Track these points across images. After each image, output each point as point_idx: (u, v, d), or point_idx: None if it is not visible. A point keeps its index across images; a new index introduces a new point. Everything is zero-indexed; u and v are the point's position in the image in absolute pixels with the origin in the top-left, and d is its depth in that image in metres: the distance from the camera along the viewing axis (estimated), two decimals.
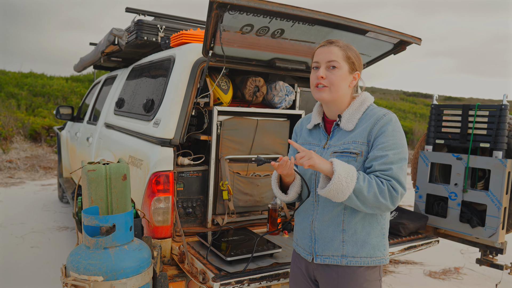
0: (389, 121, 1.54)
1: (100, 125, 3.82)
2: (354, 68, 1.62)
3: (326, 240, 1.59)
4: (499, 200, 2.61)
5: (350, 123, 1.60)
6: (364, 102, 1.64)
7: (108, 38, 3.31)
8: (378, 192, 1.43)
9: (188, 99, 2.44)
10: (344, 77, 1.59)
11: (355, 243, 1.56)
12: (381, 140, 1.52)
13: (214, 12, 2.11)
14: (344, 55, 1.59)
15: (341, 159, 1.55)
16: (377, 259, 1.58)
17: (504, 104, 2.67)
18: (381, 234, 1.60)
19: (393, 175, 1.47)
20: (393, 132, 1.53)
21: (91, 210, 1.58)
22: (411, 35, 2.72)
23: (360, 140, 1.55)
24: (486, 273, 4.17)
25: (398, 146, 1.51)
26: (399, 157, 1.50)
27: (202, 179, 2.61)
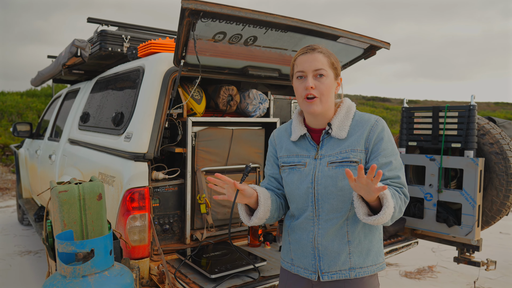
0: (383, 128, 1.53)
1: (64, 141, 3.62)
2: (337, 74, 1.58)
3: (333, 255, 1.51)
4: (473, 198, 2.66)
5: (343, 131, 1.54)
6: (350, 109, 1.60)
7: (70, 49, 3.15)
8: (402, 204, 1.43)
9: (160, 111, 2.34)
10: (332, 85, 1.54)
11: (360, 253, 1.52)
12: (382, 146, 1.49)
13: (186, 19, 2.04)
14: (329, 61, 1.53)
15: (341, 168, 1.49)
16: (380, 265, 1.56)
17: (472, 105, 2.74)
18: (380, 239, 1.59)
19: (402, 183, 1.48)
20: (389, 138, 1.53)
21: (64, 235, 1.45)
22: (381, 40, 2.75)
23: (359, 148, 1.50)
24: (459, 269, 4.27)
25: (396, 152, 1.53)
26: (400, 163, 1.52)
27: (178, 194, 2.50)
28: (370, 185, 1.27)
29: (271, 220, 1.64)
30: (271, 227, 2.86)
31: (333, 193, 1.49)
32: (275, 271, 2.14)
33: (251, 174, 2.83)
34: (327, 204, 1.50)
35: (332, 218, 1.50)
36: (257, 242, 2.53)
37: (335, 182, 1.49)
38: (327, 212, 1.51)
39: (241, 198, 1.53)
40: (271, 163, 1.72)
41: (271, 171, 1.72)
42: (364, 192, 1.30)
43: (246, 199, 1.54)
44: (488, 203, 2.77)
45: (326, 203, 1.50)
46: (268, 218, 1.61)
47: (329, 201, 1.50)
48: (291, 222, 1.64)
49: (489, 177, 2.75)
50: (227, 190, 1.54)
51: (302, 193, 1.55)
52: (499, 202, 2.73)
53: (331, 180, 1.49)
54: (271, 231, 2.79)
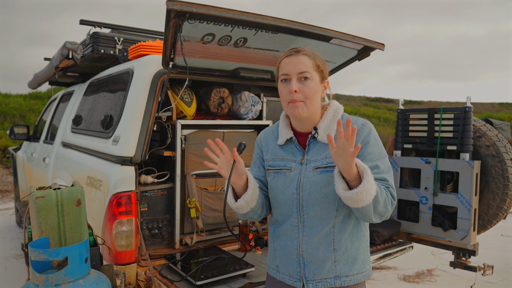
0: (370, 131, 1.48)
1: (57, 144, 3.59)
2: (324, 77, 1.52)
3: (318, 263, 1.46)
4: (469, 202, 2.61)
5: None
6: (337, 112, 1.55)
7: (61, 52, 3.13)
8: (388, 200, 1.38)
9: (149, 114, 2.30)
10: (317, 88, 1.48)
11: (346, 261, 1.47)
12: (367, 150, 1.44)
13: (172, 21, 2.01)
14: (314, 64, 1.48)
15: (325, 174, 1.44)
16: (366, 273, 1.52)
17: (468, 107, 2.68)
18: (366, 246, 1.54)
19: (390, 185, 1.43)
20: (375, 141, 1.47)
21: (40, 242, 1.42)
22: (374, 41, 2.70)
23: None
24: (458, 273, 4.21)
25: (383, 155, 1.47)
26: (387, 166, 1.47)
27: (167, 198, 2.46)
28: (346, 147, 1.24)
29: (253, 213, 1.58)
30: (263, 231, 2.81)
31: (318, 199, 1.45)
32: (263, 277, 2.10)
33: None
34: (312, 211, 1.46)
35: (317, 225, 1.46)
36: (248, 246, 2.49)
37: (319, 188, 1.45)
38: (311, 219, 1.46)
39: (233, 175, 1.47)
40: (257, 165, 1.67)
41: (257, 173, 1.66)
42: (342, 159, 1.27)
43: (237, 178, 1.48)
44: (485, 207, 2.71)
45: (311, 209, 1.46)
46: (252, 208, 1.54)
47: (314, 208, 1.45)
48: (275, 228, 1.59)
49: (486, 180, 2.69)
50: (221, 160, 1.47)
51: (287, 199, 1.51)
52: (495, 205, 2.67)
53: (315, 186, 1.45)
54: (263, 236, 2.74)
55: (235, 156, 1.44)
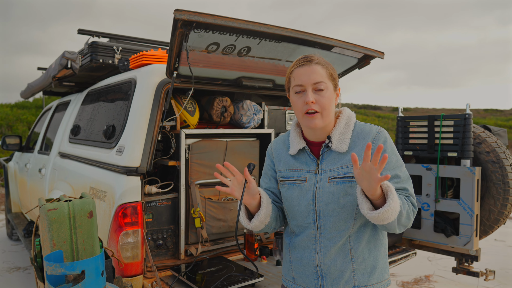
0: (386, 139, 1.46)
1: (54, 155, 3.54)
2: (336, 85, 1.50)
3: (336, 274, 1.44)
4: (471, 208, 2.64)
5: (343, 144, 1.46)
6: (350, 119, 1.52)
7: (60, 61, 3.10)
8: (410, 211, 1.39)
9: (153, 123, 2.29)
10: (332, 97, 1.46)
11: (364, 270, 1.45)
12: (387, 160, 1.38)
13: (178, 30, 2.01)
14: (327, 73, 1.46)
15: (342, 184, 1.42)
16: (385, 282, 1.50)
17: (468, 113, 2.73)
18: (385, 255, 1.53)
19: (410, 193, 1.43)
20: (392, 149, 1.46)
21: (54, 256, 1.39)
22: (375, 50, 2.74)
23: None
24: (456, 279, 4.24)
25: (401, 163, 1.46)
26: (406, 175, 1.46)
27: (172, 208, 2.44)
28: (372, 171, 1.22)
29: (268, 228, 1.56)
30: (267, 240, 2.80)
31: (336, 210, 1.43)
32: (271, 287, 2.08)
33: None
34: (330, 222, 1.44)
35: (335, 236, 1.44)
36: (254, 256, 2.47)
37: (337, 199, 1.43)
38: (329, 230, 1.45)
39: (245, 195, 1.46)
40: (268, 176, 1.64)
41: (268, 184, 1.64)
42: (367, 182, 1.25)
43: (249, 198, 1.47)
44: (486, 212, 2.74)
45: (329, 220, 1.44)
46: (267, 224, 1.53)
47: (332, 219, 1.44)
48: (291, 239, 1.56)
49: (486, 186, 2.73)
50: (232, 182, 1.47)
51: (303, 210, 1.49)
52: (496, 211, 2.70)
53: (332, 197, 1.43)
54: (267, 245, 2.73)
55: (246, 176, 1.43)
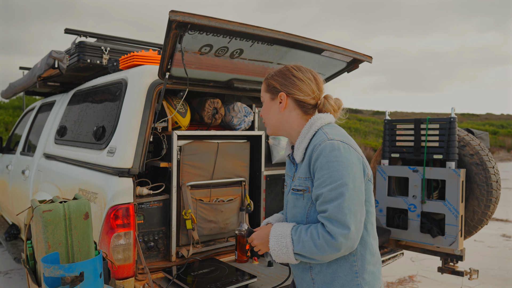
0: (322, 152, 1.36)
1: (38, 156, 3.47)
2: (276, 92, 1.52)
3: (300, 277, 1.51)
4: (456, 208, 2.71)
5: (298, 154, 1.47)
6: (312, 127, 1.46)
7: (47, 61, 3.04)
8: (315, 248, 1.32)
9: (145, 125, 2.27)
10: (268, 106, 1.56)
11: (323, 281, 1.44)
12: (318, 175, 1.36)
13: (173, 32, 2.00)
14: (265, 86, 1.58)
15: (293, 197, 1.48)
16: None
17: (452, 117, 2.80)
18: (351, 272, 1.41)
19: (330, 216, 1.31)
20: (327, 164, 1.34)
21: (50, 258, 1.37)
22: (363, 54, 2.79)
23: (304, 175, 1.43)
24: (439, 279, 4.33)
25: (334, 179, 1.32)
26: (336, 193, 1.31)
27: (163, 209, 2.43)
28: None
29: None
30: None
31: (291, 219, 1.51)
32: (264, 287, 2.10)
33: (236, 187, 2.79)
34: None
35: None
36: (245, 257, 2.48)
37: (290, 208, 1.51)
38: None
39: None
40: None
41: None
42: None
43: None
44: (470, 213, 2.82)
45: None
46: None
47: None
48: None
49: (470, 188, 2.81)
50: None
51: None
52: (480, 212, 2.78)
53: (289, 206, 1.52)
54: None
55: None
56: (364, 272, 1.42)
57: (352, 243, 1.32)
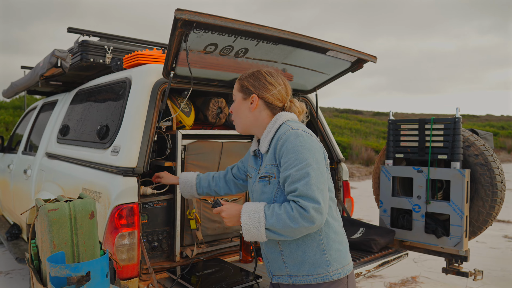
0: (287, 139, 1.54)
1: (41, 155, 3.46)
2: (248, 93, 1.71)
3: (273, 261, 1.65)
4: (461, 209, 2.70)
5: (264, 145, 1.66)
6: (277, 121, 1.66)
7: (50, 60, 3.03)
8: (289, 220, 1.44)
9: (150, 124, 2.26)
10: (239, 105, 1.74)
11: (294, 262, 1.58)
12: (284, 160, 1.53)
13: (178, 30, 1.99)
14: (238, 86, 1.75)
15: (260, 184, 1.64)
16: (319, 276, 1.56)
17: (457, 117, 2.79)
18: (319, 250, 1.56)
19: (300, 194, 1.45)
20: (293, 148, 1.51)
21: (55, 257, 1.35)
22: (368, 54, 2.78)
23: (269, 163, 1.60)
24: (442, 279, 4.32)
25: (300, 160, 1.49)
26: (302, 173, 1.47)
27: (167, 209, 2.41)
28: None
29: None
30: None
31: None
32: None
33: None
34: None
35: None
36: (249, 258, 2.47)
37: (258, 195, 1.66)
38: None
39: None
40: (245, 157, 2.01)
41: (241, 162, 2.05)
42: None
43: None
44: (475, 214, 2.81)
45: None
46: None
47: None
48: None
49: (475, 188, 2.80)
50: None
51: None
52: (485, 212, 2.77)
53: (256, 194, 1.68)
54: None
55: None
56: (330, 249, 1.57)
57: (321, 218, 1.46)
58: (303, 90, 3.13)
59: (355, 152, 15.55)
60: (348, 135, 20.11)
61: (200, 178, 2.14)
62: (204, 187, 2.12)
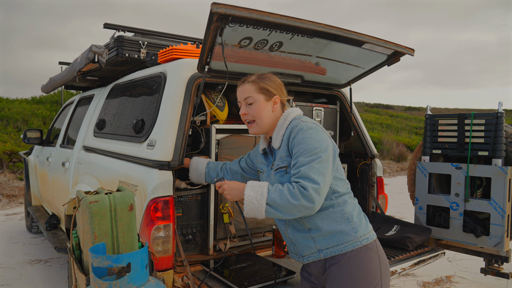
0: (300, 130, 1.65)
1: (78, 149, 3.56)
2: (270, 94, 1.81)
3: (300, 243, 1.71)
4: (502, 208, 2.59)
5: (277, 141, 1.76)
6: (287, 118, 1.77)
7: (87, 55, 3.10)
8: (290, 197, 1.53)
9: (184, 118, 2.28)
10: (262, 106, 1.80)
11: (323, 236, 1.64)
12: (295, 150, 1.64)
13: (214, 24, 1.99)
14: (256, 88, 1.81)
15: (277, 175, 1.71)
16: (350, 244, 1.62)
17: (500, 112, 2.67)
18: (344, 219, 1.65)
19: (301, 175, 1.56)
20: (303, 139, 1.62)
21: (97, 248, 1.39)
22: (405, 46, 2.70)
23: (284, 154, 1.70)
24: (478, 280, 4.18)
25: (309, 150, 1.59)
26: (309, 159, 1.58)
27: (201, 203, 2.43)
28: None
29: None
30: None
31: None
32: None
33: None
34: None
35: None
36: (282, 253, 2.46)
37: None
38: None
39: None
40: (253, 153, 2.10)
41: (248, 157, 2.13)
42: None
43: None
44: None
45: None
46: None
47: None
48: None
49: None
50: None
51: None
52: None
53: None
54: None
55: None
56: (353, 217, 1.67)
57: (319, 198, 1.54)
58: (336, 84, 3.08)
59: (386, 148, 15.24)
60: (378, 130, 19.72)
61: (210, 167, 2.23)
62: (212, 177, 2.22)
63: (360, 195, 3.22)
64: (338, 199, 1.67)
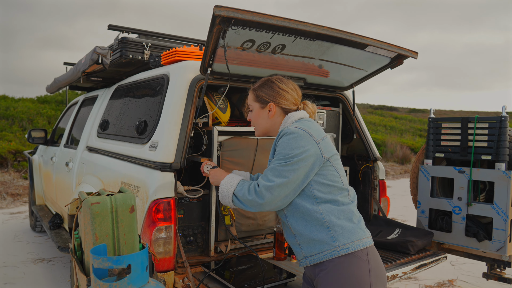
0: (283, 135, 1.69)
1: (81, 149, 3.58)
2: (265, 102, 1.85)
3: (292, 247, 1.75)
4: (505, 212, 2.58)
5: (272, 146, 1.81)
6: (286, 122, 1.81)
7: (91, 57, 3.12)
8: (247, 192, 1.67)
9: (187, 120, 2.29)
10: (258, 114, 1.89)
11: (306, 243, 1.66)
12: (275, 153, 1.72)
13: (216, 27, 2.00)
14: (253, 96, 1.89)
15: None
16: (328, 253, 1.61)
17: (503, 116, 2.66)
18: (323, 228, 1.63)
19: (262, 175, 1.68)
20: (281, 144, 1.68)
21: (98, 249, 1.40)
22: (408, 49, 2.69)
23: (272, 157, 1.77)
24: (480, 284, 4.16)
25: (282, 154, 1.65)
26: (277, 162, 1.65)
27: (202, 205, 2.44)
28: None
29: None
30: None
31: None
32: None
33: None
34: None
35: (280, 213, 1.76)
36: (283, 255, 2.46)
37: None
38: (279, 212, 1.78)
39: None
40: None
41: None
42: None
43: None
44: None
45: None
46: None
47: None
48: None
49: None
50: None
51: None
52: None
53: None
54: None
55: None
56: (334, 226, 1.63)
57: (270, 196, 1.61)
58: (339, 87, 3.08)
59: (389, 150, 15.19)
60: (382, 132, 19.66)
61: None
62: None
63: (362, 198, 3.22)
64: (319, 206, 1.64)
